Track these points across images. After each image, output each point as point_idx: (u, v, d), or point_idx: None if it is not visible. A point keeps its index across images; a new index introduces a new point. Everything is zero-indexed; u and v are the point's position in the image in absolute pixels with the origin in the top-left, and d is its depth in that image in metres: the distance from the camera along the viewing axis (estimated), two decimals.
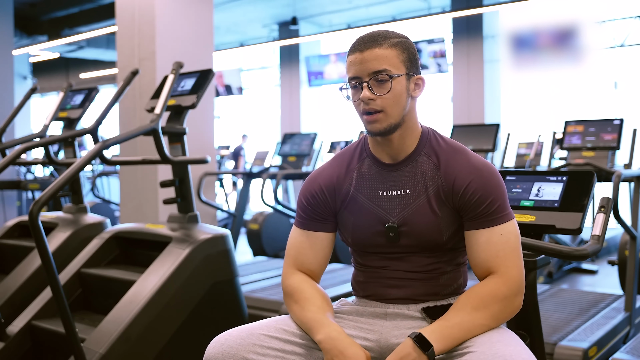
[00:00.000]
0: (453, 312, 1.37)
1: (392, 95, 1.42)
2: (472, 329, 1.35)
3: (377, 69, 1.41)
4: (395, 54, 1.43)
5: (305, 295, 1.49)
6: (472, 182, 1.42)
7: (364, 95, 1.41)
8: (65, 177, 2.23)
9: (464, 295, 1.40)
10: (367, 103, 1.42)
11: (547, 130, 7.05)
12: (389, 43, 1.43)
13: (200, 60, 4.85)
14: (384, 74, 1.41)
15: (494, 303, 1.37)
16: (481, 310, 1.36)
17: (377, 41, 1.42)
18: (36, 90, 3.87)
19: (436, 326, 1.35)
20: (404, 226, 1.46)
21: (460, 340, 1.34)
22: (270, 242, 6.21)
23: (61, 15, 10.61)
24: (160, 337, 2.50)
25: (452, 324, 1.35)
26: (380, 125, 1.43)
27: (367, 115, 1.43)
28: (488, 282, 1.39)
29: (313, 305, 1.46)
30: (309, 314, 1.45)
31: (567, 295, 3.57)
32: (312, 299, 1.47)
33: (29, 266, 3.03)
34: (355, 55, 1.43)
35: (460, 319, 1.35)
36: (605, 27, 9.67)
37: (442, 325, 1.35)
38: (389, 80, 1.41)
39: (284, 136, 5.99)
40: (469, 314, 1.35)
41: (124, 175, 4.90)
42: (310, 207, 1.55)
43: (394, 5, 10.48)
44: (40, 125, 3.40)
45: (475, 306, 1.36)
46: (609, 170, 3.73)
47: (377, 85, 1.41)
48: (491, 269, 1.40)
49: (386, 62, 1.41)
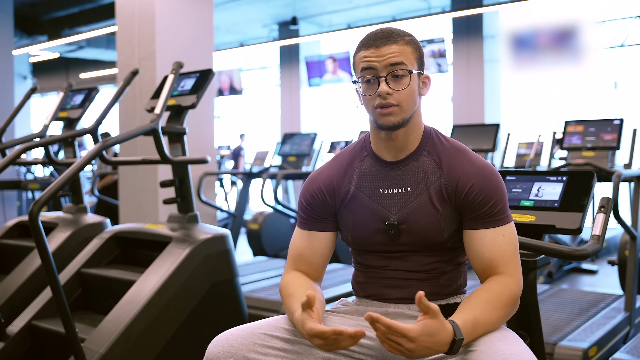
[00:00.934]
0: (479, 308, 1.34)
1: (408, 90, 1.43)
2: (489, 328, 1.35)
3: (396, 64, 1.41)
4: (410, 50, 1.44)
5: (289, 291, 1.49)
6: (476, 183, 1.43)
7: (383, 89, 1.41)
8: (65, 177, 2.23)
9: (483, 293, 1.37)
10: (384, 97, 1.42)
11: (547, 130, 7.05)
12: (404, 40, 1.44)
13: (200, 60, 4.86)
14: (403, 70, 1.41)
15: (510, 303, 1.38)
16: (500, 310, 1.36)
17: (393, 37, 1.43)
18: (36, 90, 3.87)
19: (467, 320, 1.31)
20: (404, 224, 1.47)
21: (477, 337, 1.33)
22: (270, 242, 6.22)
23: (61, 15, 10.61)
24: (161, 337, 2.50)
25: (479, 322, 1.32)
26: (394, 118, 1.43)
27: (381, 108, 1.43)
28: (503, 283, 1.39)
29: (294, 299, 1.45)
30: (291, 308, 1.44)
31: (567, 295, 3.57)
32: (295, 294, 1.47)
33: (29, 266, 3.03)
34: (371, 51, 1.43)
35: (486, 319, 1.33)
36: (605, 27, 9.67)
37: (472, 321, 1.31)
38: (407, 76, 1.42)
39: (284, 136, 5.99)
40: (490, 314, 1.34)
41: (123, 175, 4.90)
42: (310, 207, 1.55)
43: (394, 5, 10.48)
44: (40, 125, 3.40)
45: (497, 306, 1.36)
46: (609, 170, 3.73)
47: (394, 80, 1.42)
48: (497, 268, 1.40)
49: (403, 57, 1.42)
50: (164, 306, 2.50)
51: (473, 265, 1.46)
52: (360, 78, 1.46)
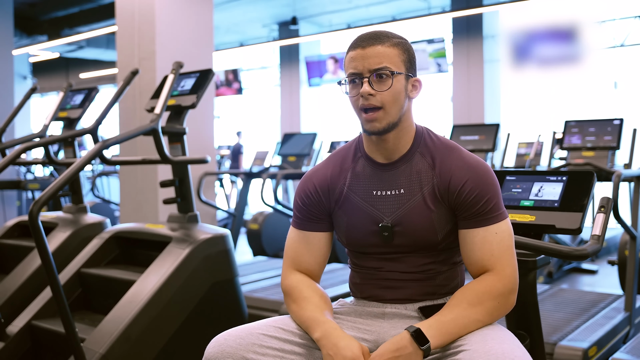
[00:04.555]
0: (449, 308, 1.38)
1: (391, 92, 1.42)
2: (468, 325, 1.35)
3: (378, 65, 1.41)
4: (396, 52, 1.44)
5: (303, 294, 1.49)
6: (468, 181, 1.42)
7: (364, 89, 1.41)
8: (65, 177, 2.23)
9: (459, 292, 1.41)
10: (366, 98, 1.41)
11: (547, 130, 7.05)
12: (391, 42, 1.44)
13: (200, 60, 4.86)
14: (385, 70, 1.41)
15: (489, 300, 1.37)
16: (476, 306, 1.36)
17: (380, 39, 1.43)
18: (36, 90, 3.87)
19: (433, 321, 1.35)
20: (398, 226, 1.46)
21: (456, 335, 1.34)
22: (270, 242, 6.21)
23: (61, 15, 10.61)
24: (160, 337, 2.50)
25: (448, 319, 1.35)
26: (379, 124, 1.43)
27: (365, 113, 1.43)
28: (483, 279, 1.40)
29: (311, 304, 1.46)
30: (307, 313, 1.45)
31: (567, 295, 3.57)
32: (310, 297, 1.48)
33: (29, 266, 3.02)
34: (357, 51, 1.44)
35: (456, 314, 1.36)
36: (605, 27, 9.67)
37: (439, 320, 1.35)
38: (390, 77, 1.42)
39: (283, 136, 5.99)
40: (465, 309, 1.36)
41: (123, 175, 4.90)
42: (305, 207, 1.55)
43: (394, 5, 10.48)
44: (40, 125, 3.40)
45: (470, 302, 1.37)
46: (609, 170, 3.73)
47: (377, 82, 1.42)
48: (486, 267, 1.41)
49: (388, 59, 1.42)
50: (164, 306, 2.50)
51: (466, 265, 1.46)
52: (346, 79, 1.46)
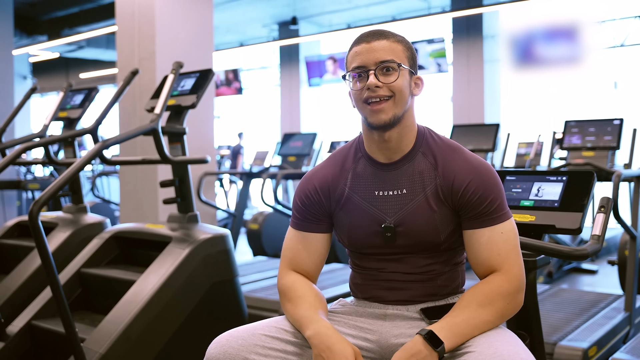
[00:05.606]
0: (459, 309, 1.37)
1: (398, 84, 1.42)
2: (479, 326, 1.35)
3: (385, 58, 1.42)
4: (401, 48, 1.45)
5: (297, 293, 1.49)
6: (472, 182, 1.42)
7: (371, 81, 1.41)
8: (65, 177, 2.23)
9: (468, 293, 1.40)
10: (373, 90, 1.41)
11: (547, 130, 7.04)
12: (396, 38, 1.46)
13: (200, 60, 4.86)
14: (392, 63, 1.42)
15: (498, 300, 1.37)
16: (486, 307, 1.36)
17: (384, 34, 1.45)
18: (36, 90, 3.87)
19: (444, 323, 1.35)
20: (400, 226, 1.46)
21: (468, 336, 1.34)
22: (270, 242, 6.21)
23: (61, 15, 10.61)
24: (160, 337, 2.50)
25: (459, 320, 1.34)
26: (385, 115, 1.42)
27: (371, 104, 1.43)
28: (492, 280, 1.39)
29: (305, 302, 1.46)
30: (300, 311, 1.45)
31: (567, 295, 3.57)
32: (305, 296, 1.48)
33: (29, 266, 3.02)
34: (362, 46, 1.45)
35: (467, 315, 1.35)
36: (605, 27, 9.66)
37: (450, 322, 1.35)
38: (396, 70, 1.42)
39: (283, 136, 5.99)
40: (475, 310, 1.35)
41: (123, 175, 4.90)
42: (305, 208, 1.54)
43: (394, 5, 10.48)
44: (40, 125, 3.40)
45: (480, 303, 1.36)
46: (609, 170, 3.73)
47: (383, 74, 1.42)
48: (493, 267, 1.40)
49: (393, 53, 1.43)
50: (164, 306, 2.50)
51: (472, 266, 1.45)
52: (350, 73, 1.46)
